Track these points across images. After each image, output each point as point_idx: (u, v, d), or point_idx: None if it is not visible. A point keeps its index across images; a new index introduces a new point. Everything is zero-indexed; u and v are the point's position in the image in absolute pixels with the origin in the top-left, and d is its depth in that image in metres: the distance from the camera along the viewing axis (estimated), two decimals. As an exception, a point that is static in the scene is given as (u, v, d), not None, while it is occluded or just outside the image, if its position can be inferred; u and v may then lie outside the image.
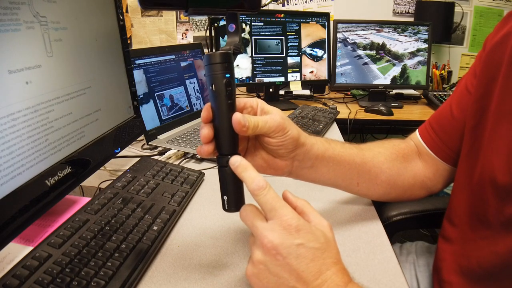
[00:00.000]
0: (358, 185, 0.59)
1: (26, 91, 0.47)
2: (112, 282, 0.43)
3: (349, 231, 0.59)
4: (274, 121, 0.44)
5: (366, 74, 1.69)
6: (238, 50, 0.42)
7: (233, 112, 0.41)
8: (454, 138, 0.58)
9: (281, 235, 0.36)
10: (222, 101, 0.40)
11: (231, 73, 0.40)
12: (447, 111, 0.60)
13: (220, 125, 0.41)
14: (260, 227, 0.37)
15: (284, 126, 0.45)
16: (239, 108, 0.43)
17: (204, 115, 0.41)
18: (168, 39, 2.15)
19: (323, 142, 0.53)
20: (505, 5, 2.08)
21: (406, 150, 0.63)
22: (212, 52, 0.40)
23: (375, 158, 0.59)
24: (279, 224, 0.36)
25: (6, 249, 0.48)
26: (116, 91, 0.72)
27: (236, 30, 0.43)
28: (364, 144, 0.62)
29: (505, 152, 0.47)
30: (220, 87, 0.40)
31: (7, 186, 0.43)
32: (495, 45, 0.52)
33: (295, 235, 0.36)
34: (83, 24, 0.60)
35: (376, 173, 0.59)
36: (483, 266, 0.50)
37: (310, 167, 0.51)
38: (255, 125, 0.42)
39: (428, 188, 0.63)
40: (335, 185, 0.58)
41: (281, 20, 1.56)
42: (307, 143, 0.49)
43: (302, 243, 0.36)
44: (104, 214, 0.55)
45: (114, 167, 0.85)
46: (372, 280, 0.48)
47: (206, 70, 0.40)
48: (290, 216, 0.37)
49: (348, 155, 0.55)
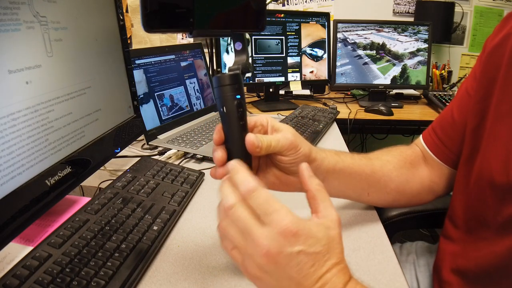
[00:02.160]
0: (368, 195, 0.59)
1: (26, 91, 0.47)
2: (112, 282, 0.43)
3: (349, 231, 0.59)
4: (286, 140, 0.44)
5: (366, 74, 1.69)
6: (247, 69, 0.41)
7: (246, 133, 0.40)
8: (456, 142, 0.59)
9: (278, 242, 0.33)
10: (234, 123, 0.40)
11: (241, 94, 0.40)
12: (449, 115, 0.61)
13: (233, 147, 0.41)
14: (256, 234, 0.34)
15: (296, 144, 0.45)
16: (249, 127, 0.43)
17: (216, 137, 0.40)
18: (168, 39, 2.15)
19: (333, 155, 0.53)
20: (505, 5, 2.08)
21: (412, 157, 0.63)
22: (222, 74, 0.39)
23: (384, 167, 0.59)
24: (276, 231, 0.33)
25: (6, 249, 0.48)
26: (116, 91, 0.72)
27: (243, 49, 0.42)
28: (372, 153, 0.62)
29: (503, 153, 0.47)
30: (231, 108, 0.39)
31: (7, 186, 0.43)
32: (494, 47, 0.52)
33: (294, 242, 0.33)
34: (83, 24, 0.60)
35: (386, 182, 0.59)
36: (482, 266, 0.50)
37: (322, 182, 0.51)
38: (268, 145, 0.42)
39: (435, 192, 0.64)
40: (347, 197, 0.59)
41: (281, 20, 1.56)
42: (318, 157, 0.49)
43: (302, 250, 0.33)
44: (104, 214, 0.55)
45: (114, 167, 0.85)
46: (372, 280, 0.48)
47: (216, 92, 0.40)
48: (287, 220, 0.33)
49: (358, 166, 0.55)
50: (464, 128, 0.56)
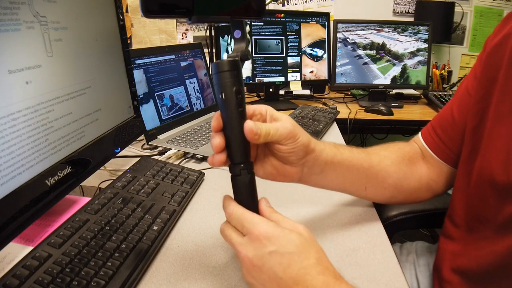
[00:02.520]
0: (366, 189, 0.59)
1: (26, 91, 0.47)
2: (112, 282, 0.43)
3: (349, 231, 0.59)
4: (285, 129, 0.44)
5: (366, 74, 1.69)
6: (246, 56, 0.41)
7: (244, 120, 0.40)
8: (456, 141, 0.58)
9: (253, 247, 0.37)
10: (232, 110, 0.39)
11: (240, 80, 0.39)
12: (449, 114, 0.61)
13: (231, 133, 0.40)
14: (236, 243, 0.39)
15: (295, 133, 0.45)
16: (248, 116, 0.43)
17: (214, 124, 0.40)
18: (168, 39, 2.15)
19: (332, 148, 0.53)
20: (505, 5, 2.08)
21: (411, 153, 0.63)
22: (220, 60, 0.39)
23: (381, 162, 0.59)
24: (251, 237, 0.38)
25: (6, 249, 0.48)
26: (116, 91, 0.72)
27: (242, 37, 0.42)
28: (370, 148, 0.62)
29: (503, 152, 0.47)
30: (230, 95, 0.39)
31: (7, 186, 0.43)
32: (494, 46, 0.52)
33: (267, 244, 0.37)
34: (83, 24, 0.60)
35: (383, 176, 0.59)
36: (482, 265, 0.50)
37: (319, 173, 0.51)
38: (266, 133, 0.42)
39: (433, 190, 0.63)
40: (344, 190, 0.59)
41: (281, 20, 1.56)
42: (317, 149, 0.49)
43: (274, 250, 0.37)
44: (104, 214, 0.55)
45: (114, 167, 0.85)
46: (372, 280, 0.48)
47: (215, 79, 0.39)
48: (260, 227, 0.37)
49: (356, 160, 0.55)
50: (464, 127, 0.56)
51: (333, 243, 0.56)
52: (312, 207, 0.66)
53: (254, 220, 0.38)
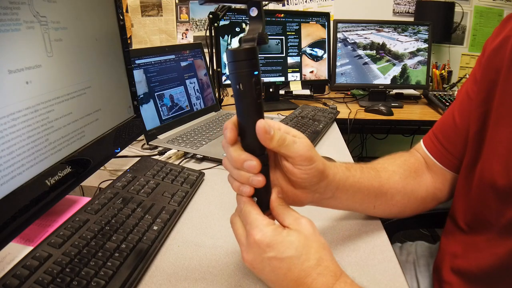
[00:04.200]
0: (374, 208, 0.58)
1: (26, 91, 0.47)
2: (112, 282, 0.43)
3: (349, 231, 0.59)
4: (303, 146, 0.41)
5: (366, 74, 1.69)
6: (263, 40, 0.36)
7: (262, 112, 0.38)
8: (459, 146, 0.58)
9: (253, 251, 0.38)
10: (251, 102, 0.37)
11: (258, 69, 0.36)
12: (450, 120, 0.60)
13: (249, 126, 0.38)
14: (239, 242, 0.41)
15: (311, 156, 0.41)
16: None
17: (230, 136, 0.38)
18: (168, 39, 2.15)
19: (344, 171, 0.50)
20: (505, 5, 2.08)
21: (416, 165, 0.62)
22: (237, 48, 0.35)
23: (390, 178, 0.58)
24: (250, 241, 0.38)
25: (6, 249, 0.48)
26: (116, 91, 0.72)
27: (259, 15, 0.37)
28: (378, 164, 0.60)
29: (504, 156, 0.47)
30: (248, 86, 0.36)
31: (7, 186, 0.43)
32: (494, 49, 0.52)
33: (266, 249, 0.37)
34: (83, 24, 0.60)
35: (392, 194, 0.57)
36: (483, 267, 0.50)
37: (330, 197, 0.49)
38: (282, 138, 0.39)
39: (438, 199, 0.62)
40: (352, 209, 0.58)
41: (281, 20, 1.56)
42: (330, 173, 0.46)
43: (274, 256, 0.37)
44: (104, 214, 0.55)
45: (114, 167, 0.85)
46: (372, 280, 0.48)
47: (231, 68, 0.36)
48: (258, 232, 0.38)
49: (367, 180, 0.54)
50: (467, 132, 0.55)
51: (333, 243, 0.56)
52: (312, 207, 0.66)
53: (255, 223, 0.38)
